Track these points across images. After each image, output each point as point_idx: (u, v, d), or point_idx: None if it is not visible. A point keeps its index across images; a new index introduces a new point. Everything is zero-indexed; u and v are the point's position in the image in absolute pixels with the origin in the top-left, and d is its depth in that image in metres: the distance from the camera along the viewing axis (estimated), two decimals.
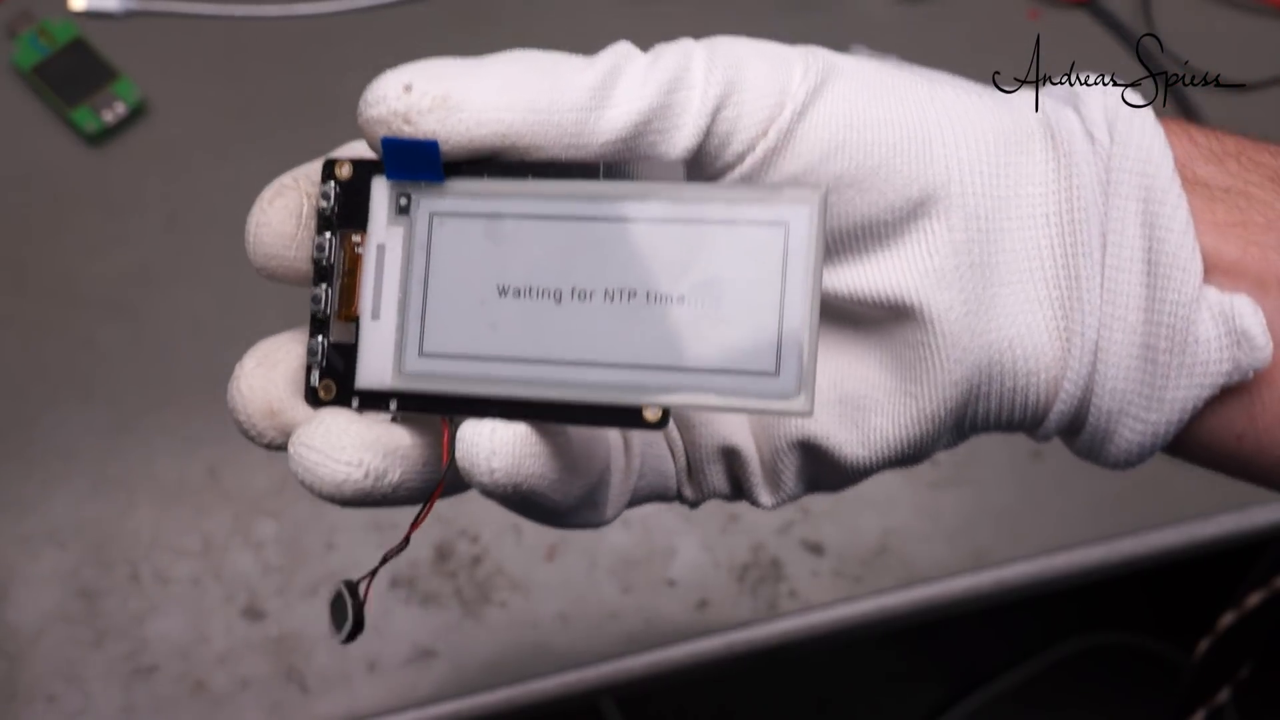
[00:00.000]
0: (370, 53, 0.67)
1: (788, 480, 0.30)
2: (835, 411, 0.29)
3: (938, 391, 0.28)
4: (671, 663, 0.57)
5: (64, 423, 0.59)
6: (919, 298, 0.27)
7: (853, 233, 0.28)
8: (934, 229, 0.27)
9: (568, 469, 0.26)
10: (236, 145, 0.65)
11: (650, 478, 0.31)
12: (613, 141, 0.26)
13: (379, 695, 0.55)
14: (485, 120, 0.25)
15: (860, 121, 0.27)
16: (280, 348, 0.29)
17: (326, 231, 0.27)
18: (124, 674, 0.55)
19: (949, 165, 0.27)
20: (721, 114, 0.26)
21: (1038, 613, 0.99)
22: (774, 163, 0.27)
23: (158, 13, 0.67)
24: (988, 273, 0.27)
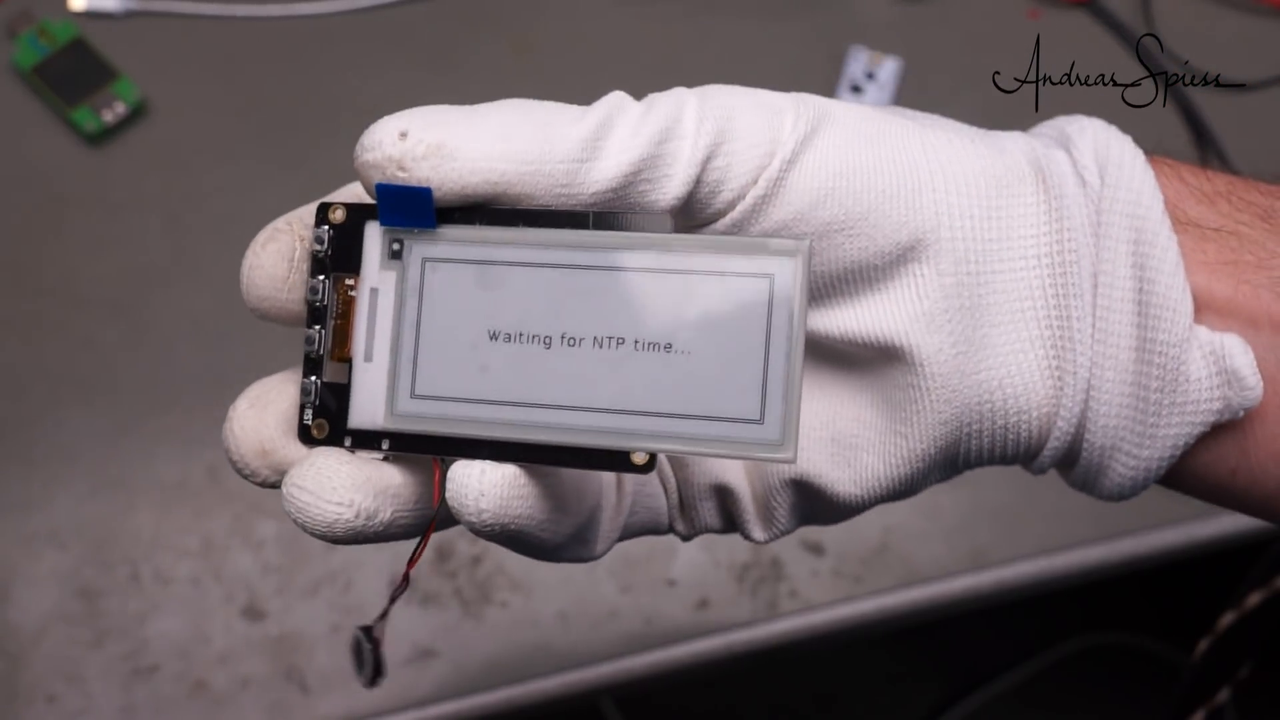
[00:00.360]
0: (370, 53, 0.67)
1: (780, 517, 0.31)
2: (827, 450, 0.30)
3: (928, 431, 0.28)
4: (671, 663, 0.57)
5: (64, 423, 0.59)
6: (909, 340, 0.28)
7: (843, 276, 0.28)
8: (924, 273, 0.28)
9: (556, 509, 0.27)
10: (236, 145, 0.65)
11: (641, 515, 0.31)
12: (603, 192, 0.26)
13: (379, 695, 0.55)
14: (478, 169, 0.26)
15: (850, 169, 0.28)
16: (273, 389, 0.29)
17: (320, 274, 0.28)
18: (124, 674, 0.55)
19: (938, 210, 0.28)
20: (712, 164, 0.27)
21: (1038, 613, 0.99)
22: (764, 210, 0.27)
23: (158, 13, 0.67)
24: (978, 315, 0.28)
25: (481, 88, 0.66)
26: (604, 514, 0.30)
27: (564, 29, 0.68)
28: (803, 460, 0.30)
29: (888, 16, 0.69)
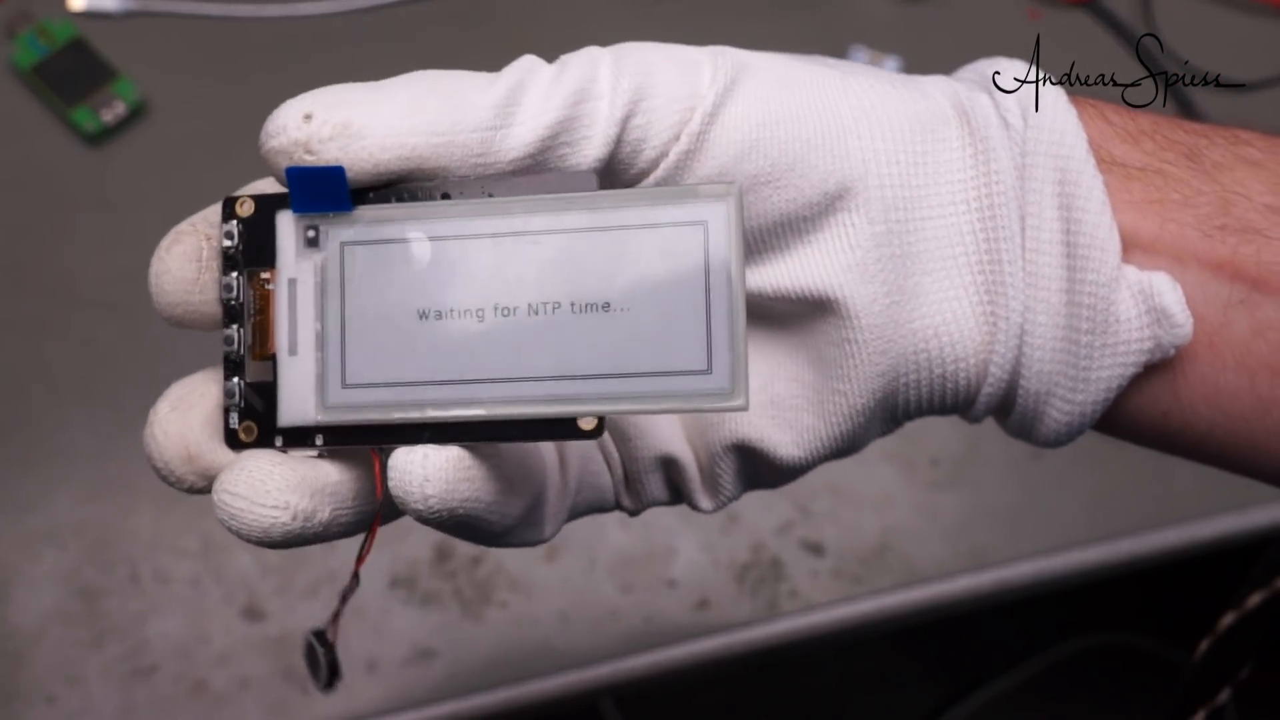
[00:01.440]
0: (370, 53, 0.67)
1: (726, 483, 0.30)
2: (768, 413, 0.29)
3: (864, 384, 0.28)
4: (671, 663, 0.57)
5: (64, 423, 0.59)
6: (842, 292, 0.27)
7: (772, 230, 0.28)
8: (854, 222, 0.27)
9: (505, 490, 0.26)
10: (236, 145, 0.65)
11: (587, 492, 0.31)
12: (520, 158, 0.26)
13: (379, 695, 0.55)
14: (388, 145, 0.25)
15: (773, 119, 0.27)
16: (194, 389, 0.28)
17: (233, 271, 0.27)
18: (124, 674, 0.55)
19: (865, 158, 0.27)
20: (632, 122, 0.26)
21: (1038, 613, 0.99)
22: (688, 166, 0.27)
23: (157, 13, 0.67)
24: (909, 263, 0.27)
25: None
26: (550, 494, 0.29)
27: (564, 29, 0.68)
28: (743, 424, 0.29)
29: (888, 16, 0.69)
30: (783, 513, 0.59)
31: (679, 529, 0.59)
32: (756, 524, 0.59)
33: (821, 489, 0.60)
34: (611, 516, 0.58)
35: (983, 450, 0.61)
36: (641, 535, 0.58)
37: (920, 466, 0.61)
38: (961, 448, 0.61)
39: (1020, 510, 0.60)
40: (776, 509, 0.59)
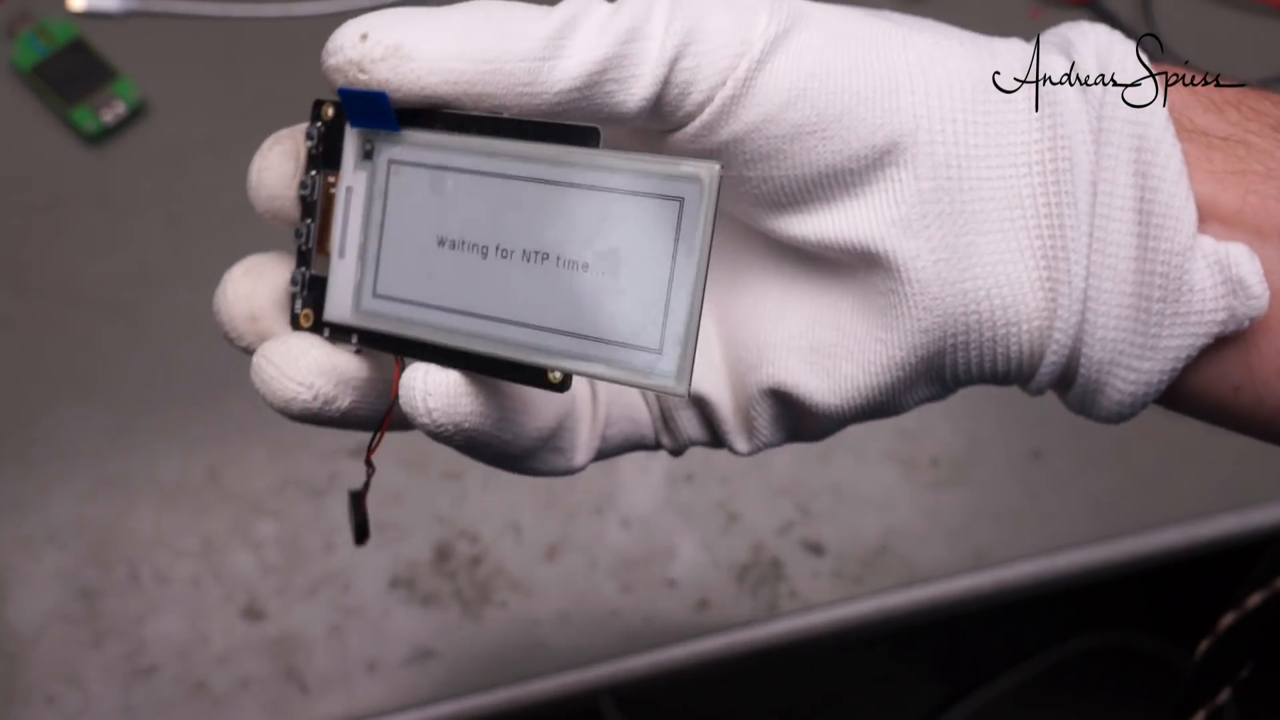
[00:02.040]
0: None
1: (762, 427, 0.30)
2: (806, 359, 0.29)
3: (908, 339, 0.28)
4: (671, 663, 0.57)
5: (64, 423, 0.59)
6: (885, 245, 0.27)
7: (818, 180, 0.27)
8: (901, 177, 0.27)
9: (512, 411, 0.27)
10: (236, 145, 0.65)
11: (621, 425, 0.31)
12: (566, 91, 0.26)
13: (379, 695, 0.55)
14: (436, 69, 0.26)
15: (823, 70, 0.27)
16: (268, 263, 0.30)
17: (312, 170, 0.29)
18: (124, 674, 0.55)
19: (917, 112, 0.27)
20: (680, 64, 0.26)
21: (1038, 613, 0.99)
22: (733, 112, 0.27)
23: (157, 13, 0.67)
24: (962, 222, 0.27)
25: None
26: (579, 423, 0.30)
27: None
28: (781, 370, 0.29)
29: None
30: (783, 513, 0.59)
31: (679, 529, 0.59)
32: (756, 524, 0.59)
33: (821, 489, 0.60)
34: (611, 516, 0.58)
35: (983, 450, 0.61)
36: (641, 535, 0.58)
37: (921, 466, 0.60)
38: (962, 448, 0.61)
39: (1021, 510, 0.60)
40: (776, 509, 0.59)
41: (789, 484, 0.60)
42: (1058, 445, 0.61)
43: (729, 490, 0.59)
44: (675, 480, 0.59)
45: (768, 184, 0.28)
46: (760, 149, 0.27)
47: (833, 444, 0.60)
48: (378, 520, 0.58)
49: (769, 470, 0.60)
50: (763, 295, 0.30)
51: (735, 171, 0.28)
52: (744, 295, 0.30)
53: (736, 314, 0.30)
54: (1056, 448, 0.61)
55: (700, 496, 0.59)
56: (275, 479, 0.58)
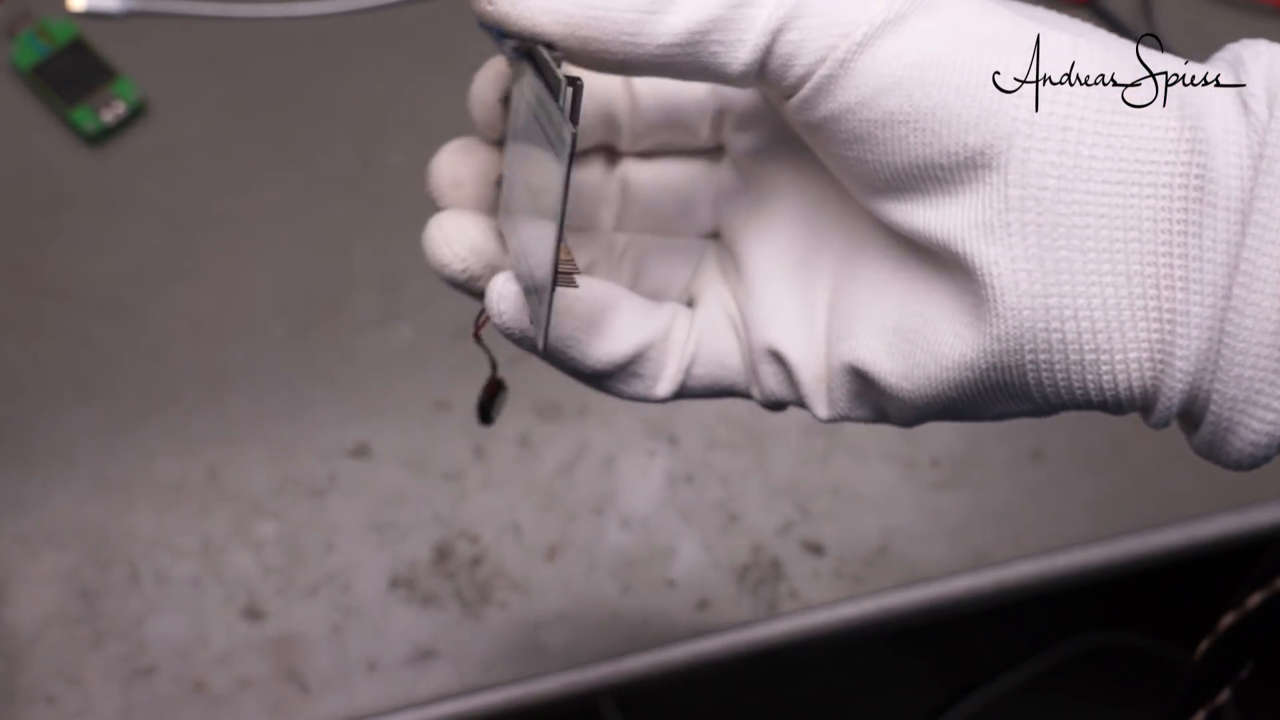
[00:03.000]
0: (370, 53, 0.67)
1: (840, 400, 0.31)
2: (887, 340, 0.29)
3: (982, 343, 0.27)
4: (671, 663, 0.57)
5: (63, 423, 0.59)
6: (966, 247, 0.27)
7: (909, 170, 0.27)
8: (991, 180, 0.26)
9: (577, 332, 0.30)
10: (236, 145, 0.65)
11: (709, 367, 0.32)
12: (669, 45, 0.27)
13: (379, 695, 0.55)
14: (549, 9, 0.27)
15: (926, 60, 0.26)
16: (482, 148, 0.33)
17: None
18: (124, 674, 0.55)
19: (1019, 115, 0.26)
20: (783, 36, 0.27)
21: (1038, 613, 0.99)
22: (829, 91, 0.27)
23: (158, 13, 0.67)
24: (1056, 235, 0.26)
25: None
26: (667, 356, 0.31)
27: None
28: (861, 346, 0.29)
29: None
30: (783, 513, 0.59)
31: (679, 529, 0.59)
32: (756, 524, 0.59)
33: (821, 489, 0.60)
34: (611, 516, 0.58)
35: (983, 450, 0.61)
36: (641, 535, 0.58)
37: (921, 466, 0.60)
38: (962, 448, 0.61)
39: (1021, 510, 0.60)
40: (776, 509, 0.59)
41: (789, 484, 0.60)
42: (1058, 445, 0.61)
43: (729, 490, 0.59)
44: (675, 480, 0.59)
45: (863, 166, 0.28)
46: (854, 131, 0.27)
47: (833, 444, 0.60)
48: (378, 520, 0.58)
49: (769, 470, 0.60)
50: (873, 271, 0.30)
51: (835, 149, 0.28)
52: (858, 268, 0.31)
53: (846, 285, 0.31)
54: (1056, 448, 0.61)
55: (700, 496, 0.59)
56: (275, 479, 0.58)
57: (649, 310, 0.32)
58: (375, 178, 0.64)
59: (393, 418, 0.60)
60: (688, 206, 0.34)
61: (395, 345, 0.61)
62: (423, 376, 0.60)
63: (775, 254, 0.32)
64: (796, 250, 0.32)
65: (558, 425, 0.60)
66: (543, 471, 0.59)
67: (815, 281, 0.31)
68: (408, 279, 0.62)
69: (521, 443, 0.60)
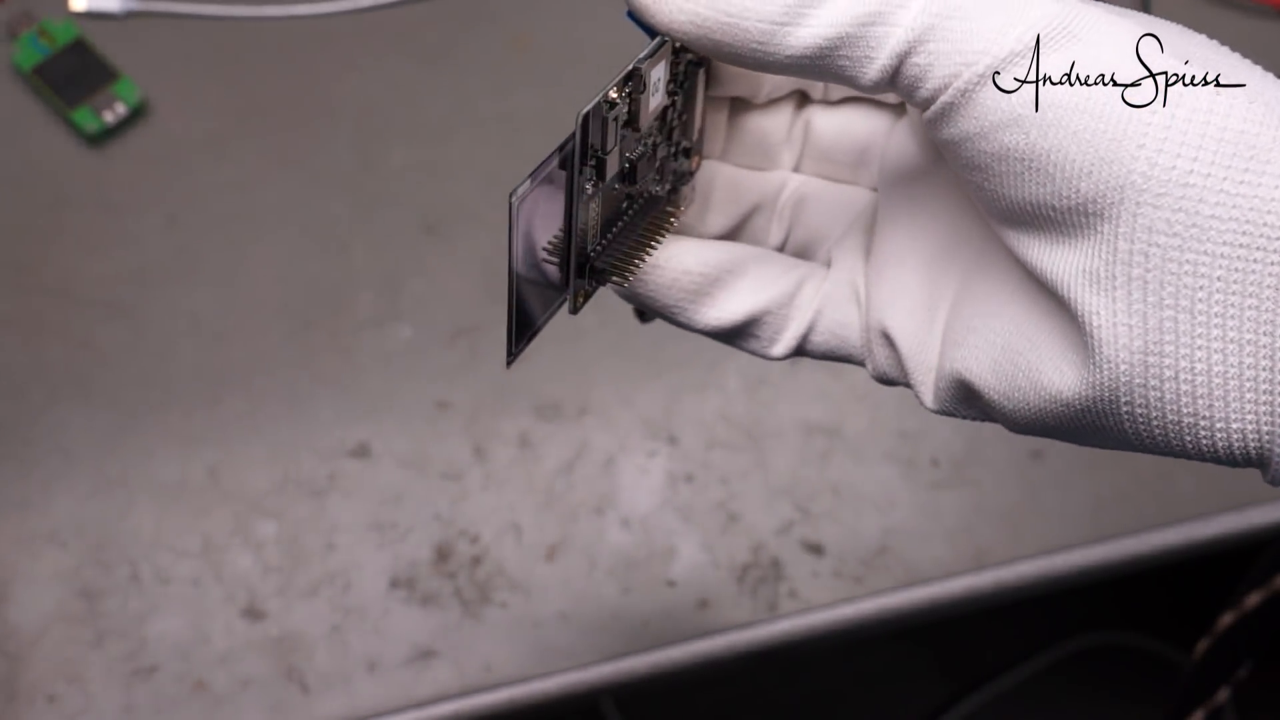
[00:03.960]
0: (370, 53, 0.67)
1: (947, 399, 0.31)
2: (994, 357, 0.29)
3: (1078, 386, 0.27)
4: (671, 663, 0.57)
5: (64, 423, 0.59)
6: (1070, 293, 0.26)
7: (1024, 207, 0.27)
8: (1102, 230, 0.26)
9: (685, 300, 0.32)
10: (236, 145, 0.65)
11: (827, 335, 0.33)
12: (797, 57, 0.27)
13: (379, 695, 0.55)
14: (685, 9, 0.28)
15: (1049, 101, 0.26)
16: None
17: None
18: (124, 674, 0.55)
19: (1136, 169, 0.25)
20: (911, 59, 0.27)
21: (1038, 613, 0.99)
22: (951, 118, 0.27)
23: (158, 13, 0.67)
24: (1165, 293, 0.25)
25: (481, 87, 0.66)
26: (788, 321, 0.33)
27: (564, 28, 0.68)
28: (971, 358, 0.30)
29: None
30: (783, 513, 0.59)
31: (679, 529, 0.59)
32: (756, 524, 0.59)
33: (821, 489, 0.60)
34: (611, 516, 0.58)
35: (983, 450, 0.61)
36: (641, 535, 0.58)
37: (921, 466, 0.61)
38: (962, 447, 0.61)
39: (1021, 510, 0.60)
40: (776, 509, 0.59)
41: (789, 484, 0.60)
42: (1057, 445, 0.61)
43: (729, 490, 0.59)
44: (675, 480, 0.59)
45: (981, 193, 0.28)
46: (973, 159, 0.27)
47: (833, 444, 0.60)
48: (378, 520, 0.58)
49: (769, 470, 0.60)
50: (996, 287, 0.30)
51: (959, 170, 0.28)
52: (988, 278, 0.30)
53: (971, 293, 0.31)
54: (1056, 448, 0.61)
55: (700, 496, 0.59)
56: (275, 479, 0.58)
57: (776, 274, 0.33)
58: (375, 178, 0.64)
59: (393, 418, 0.60)
60: (863, 157, 0.34)
61: (395, 345, 0.61)
62: (423, 376, 0.61)
63: (915, 242, 0.32)
64: (936, 245, 0.32)
65: (558, 425, 0.60)
66: (543, 471, 0.59)
67: (945, 280, 0.32)
68: (408, 279, 0.62)
69: (521, 443, 0.60)
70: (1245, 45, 0.28)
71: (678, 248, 0.32)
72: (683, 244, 0.33)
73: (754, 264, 0.33)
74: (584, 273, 0.32)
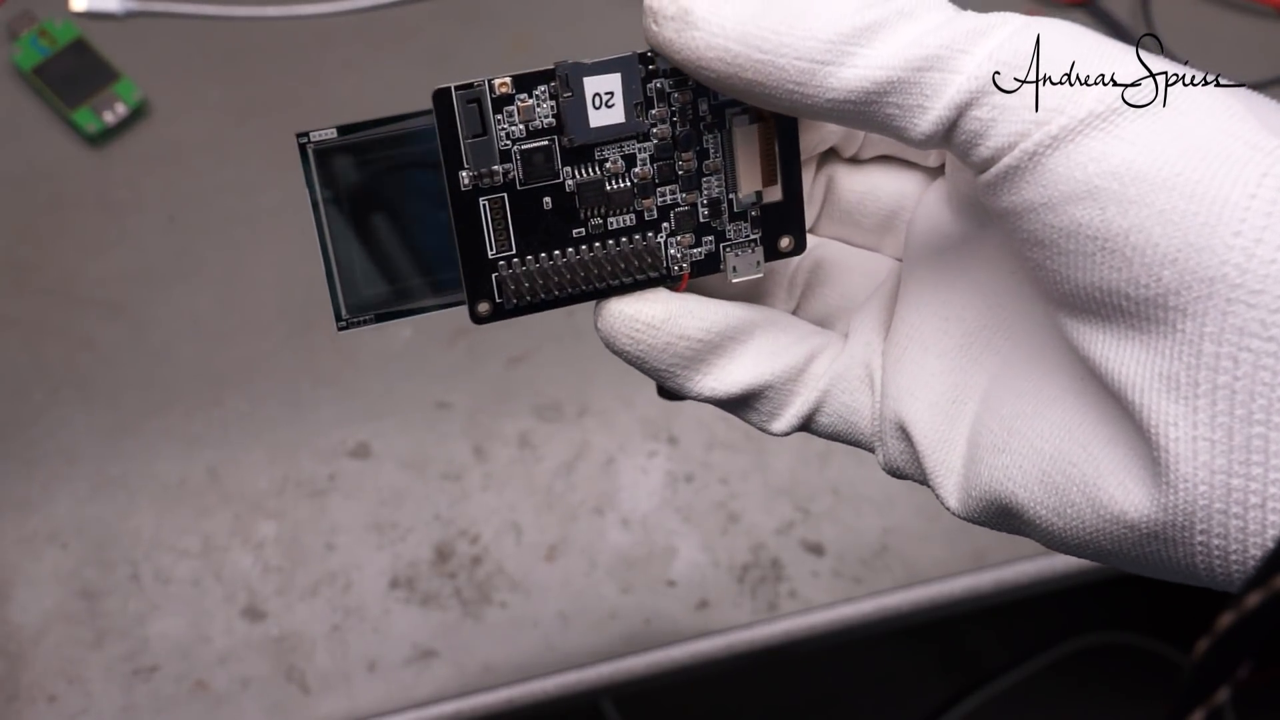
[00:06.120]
0: (370, 53, 0.67)
1: (977, 512, 0.28)
2: (1043, 467, 0.26)
3: (1147, 507, 0.23)
4: (671, 663, 0.57)
5: (64, 423, 0.59)
6: (1142, 398, 0.23)
7: (1092, 293, 0.24)
8: (1183, 328, 0.22)
9: (678, 366, 0.28)
10: (236, 146, 0.65)
11: (834, 417, 0.30)
12: (839, 102, 0.24)
13: (379, 695, 0.55)
14: (714, 45, 0.25)
15: (1132, 174, 0.22)
16: None
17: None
18: (125, 674, 0.55)
19: (1228, 259, 0.22)
20: (971, 112, 0.24)
21: (1038, 613, 0.99)
22: (1013, 184, 0.24)
23: (158, 13, 0.67)
24: (1254, 407, 0.22)
25: None
26: (790, 398, 0.29)
27: (564, 28, 0.68)
28: (1010, 466, 0.26)
29: None
30: (783, 513, 0.59)
31: (679, 529, 0.59)
32: (756, 524, 0.59)
33: (821, 489, 0.60)
34: (611, 516, 0.58)
35: None
36: (641, 535, 0.58)
37: None
38: None
39: None
40: (776, 509, 0.59)
41: (789, 484, 0.60)
42: None
43: (729, 490, 0.59)
44: (675, 480, 0.59)
45: (1041, 273, 0.25)
46: (1036, 234, 0.24)
47: (833, 444, 0.60)
48: (378, 520, 0.58)
49: (769, 470, 0.60)
50: (1044, 381, 0.27)
51: (1016, 245, 0.25)
52: (1031, 372, 0.27)
53: (1013, 386, 0.27)
54: None
55: (700, 496, 0.59)
56: (275, 479, 0.59)
57: (784, 344, 0.29)
58: None
59: (393, 418, 0.60)
60: (890, 222, 0.31)
61: (395, 345, 0.61)
62: (423, 376, 0.61)
63: (942, 326, 0.29)
64: (966, 330, 0.28)
65: (558, 425, 0.60)
66: (543, 471, 0.59)
67: (974, 371, 0.28)
68: None
69: (521, 443, 0.60)
70: (1245, 45, 0.28)
71: (678, 308, 0.28)
72: (681, 305, 0.28)
73: (763, 330, 0.29)
74: (485, 279, 0.28)
